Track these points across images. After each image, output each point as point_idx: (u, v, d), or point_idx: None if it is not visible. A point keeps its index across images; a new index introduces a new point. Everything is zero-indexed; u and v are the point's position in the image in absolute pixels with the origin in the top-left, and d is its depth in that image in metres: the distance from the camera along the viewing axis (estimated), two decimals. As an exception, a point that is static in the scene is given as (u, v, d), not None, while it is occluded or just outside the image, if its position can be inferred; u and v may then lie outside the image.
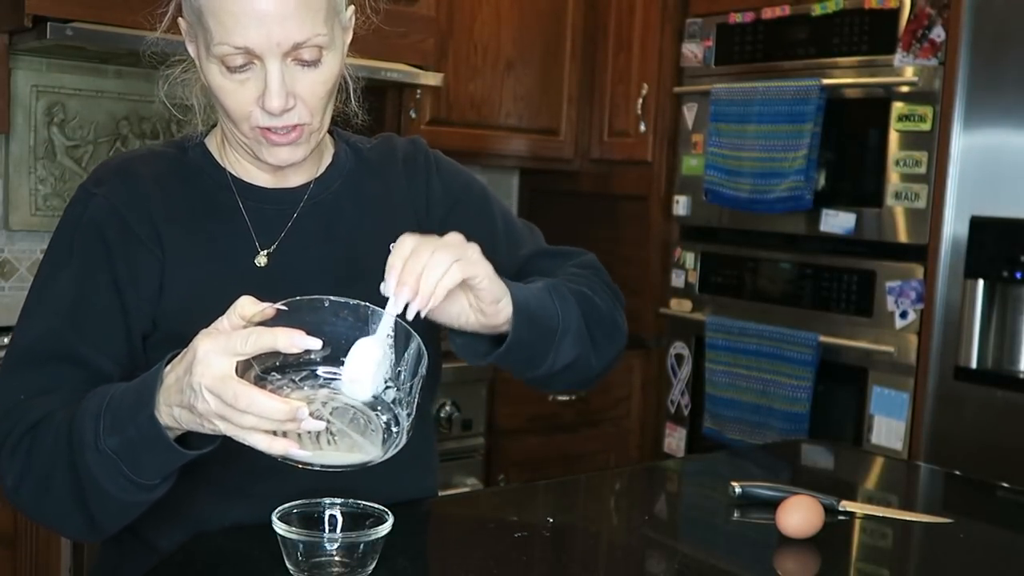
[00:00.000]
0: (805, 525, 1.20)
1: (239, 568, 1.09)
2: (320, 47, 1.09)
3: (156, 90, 1.23)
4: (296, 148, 1.14)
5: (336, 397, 0.92)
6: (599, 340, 1.22)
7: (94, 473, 0.99)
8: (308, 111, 1.11)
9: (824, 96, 2.56)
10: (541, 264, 1.31)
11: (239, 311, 0.92)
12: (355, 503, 1.05)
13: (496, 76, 3.06)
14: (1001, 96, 2.27)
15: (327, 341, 0.90)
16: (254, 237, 1.20)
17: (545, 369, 1.17)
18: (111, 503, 1.01)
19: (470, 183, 1.36)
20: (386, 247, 1.20)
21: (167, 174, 1.20)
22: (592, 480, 1.57)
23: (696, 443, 2.95)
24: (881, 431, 2.50)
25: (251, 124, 1.11)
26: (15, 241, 2.60)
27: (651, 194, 3.10)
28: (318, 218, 1.23)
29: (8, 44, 2.31)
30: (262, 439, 0.91)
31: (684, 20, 3.00)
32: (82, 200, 1.17)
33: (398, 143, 1.34)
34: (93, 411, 1.00)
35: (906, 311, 2.45)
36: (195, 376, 0.90)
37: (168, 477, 1.01)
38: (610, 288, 1.31)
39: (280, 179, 1.23)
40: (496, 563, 1.12)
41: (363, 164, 1.30)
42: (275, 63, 1.07)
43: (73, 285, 1.13)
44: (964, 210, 2.33)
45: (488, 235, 1.27)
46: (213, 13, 1.05)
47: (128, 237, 1.14)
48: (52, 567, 2.11)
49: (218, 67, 1.09)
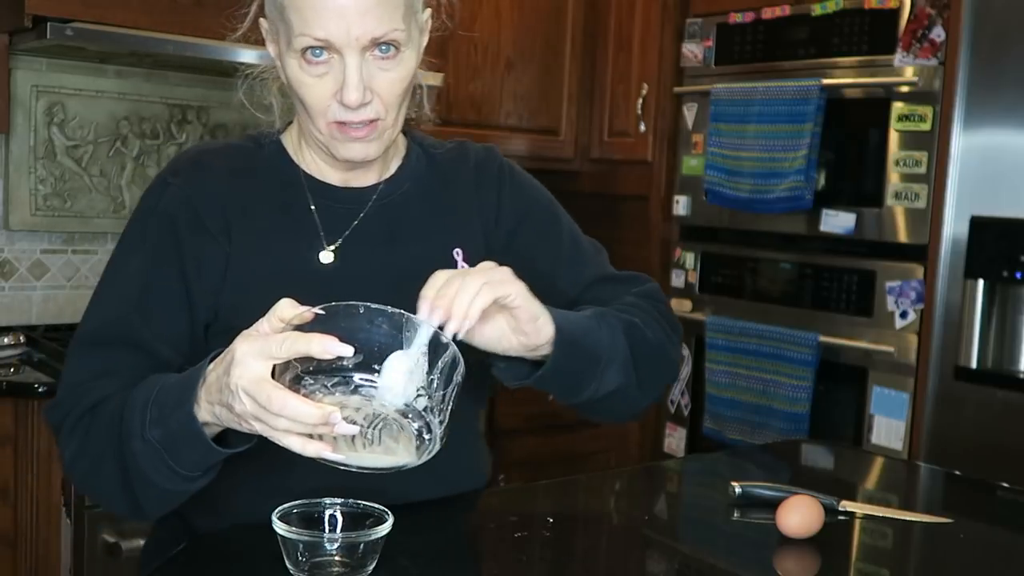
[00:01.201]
0: (805, 525, 1.20)
1: (239, 568, 1.09)
2: (398, 43, 1.11)
3: (235, 89, 1.27)
4: (369, 144, 1.16)
5: (368, 404, 0.93)
6: (645, 372, 1.21)
7: (139, 461, 1.03)
8: (384, 106, 1.14)
9: (824, 96, 2.56)
10: (601, 289, 1.31)
11: (278, 314, 0.94)
12: (355, 503, 1.05)
13: (496, 76, 3.06)
14: (1001, 96, 2.27)
15: (360, 348, 0.91)
16: (321, 234, 1.22)
17: (587, 396, 1.16)
18: (154, 490, 1.06)
19: (540, 198, 1.36)
20: (450, 252, 1.24)
21: (241, 168, 1.23)
22: (592, 480, 1.57)
23: (696, 443, 2.95)
24: (881, 431, 2.50)
25: (328, 119, 1.13)
26: (15, 241, 2.60)
27: (651, 194, 3.10)
28: (384, 218, 1.25)
29: (8, 44, 2.31)
30: (296, 441, 0.93)
31: (684, 20, 3.00)
32: (158, 189, 1.21)
33: (472, 150, 1.35)
34: (142, 401, 1.04)
35: (906, 311, 2.45)
36: (232, 377, 0.92)
37: (210, 469, 1.05)
38: (666, 319, 1.29)
39: (351, 178, 1.25)
40: (496, 563, 1.12)
41: (434, 168, 1.31)
42: (354, 57, 1.09)
43: (142, 273, 1.17)
44: (964, 210, 2.33)
45: (553, 253, 1.30)
46: (295, 7, 1.08)
47: (198, 228, 1.18)
48: (52, 567, 2.12)
49: (298, 61, 1.11)
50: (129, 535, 2.09)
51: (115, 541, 2.08)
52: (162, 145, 2.80)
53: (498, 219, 1.31)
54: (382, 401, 0.93)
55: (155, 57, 2.50)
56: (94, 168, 2.70)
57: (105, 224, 2.73)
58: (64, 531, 2.11)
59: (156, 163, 2.80)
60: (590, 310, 1.19)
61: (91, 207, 2.70)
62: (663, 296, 1.34)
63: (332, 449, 0.95)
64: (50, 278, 2.66)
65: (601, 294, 1.29)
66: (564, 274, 1.30)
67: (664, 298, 1.34)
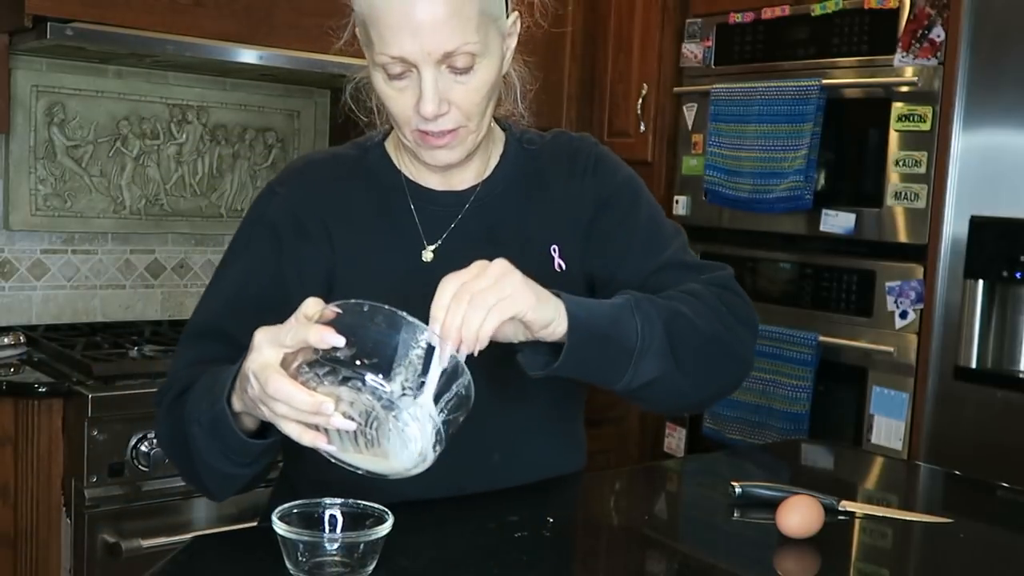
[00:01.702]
0: (805, 525, 1.20)
1: (239, 568, 1.09)
2: (472, 55, 1.13)
3: (342, 93, 1.32)
4: (452, 150, 1.20)
5: (358, 396, 0.95)
6: (690, 362, 1.17)
7: (198, 444, 1.11)
8: (463, 115, 1.17)
9: (824, 96, 2.56)
10: (669, 275, 1.29)
11: (303, 311, 0.99)
12: (355, 503, 1.05)
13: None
14: (1001, 96, 2.27)
15: (356, 341, 0.94)
16: (422, 235, 1.27)
17: (623, 386, 1.14)
18: (213, 472, 1.14)
19: (623, 185, 1.36)
20: (548, 249, 1.28)
21: (346, 176, 1.30)
22: (592, 480, 1.57)
23: (696, 443, 2.95)
24: (881, 431, 2.50)
25: (411, 128, 1.18)
26: (15, 241, 2.60)
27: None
28: (482, 219, 1.29)
29: (8, 44, 2.31)
30: (294, 428, 0.97)
31: (684, 20, 3.00)
32: (266, 197, 1.30)
33: (566, 140, 1.37)
34: (202, 389, 1.12)
35: (906, 311, 2.45)
36: (248, 362, 0.99)
37: (263, 454, 1.11)
38: (733, 310, 1.25)
39: (447, 180, 1.29)
40: (496, 563, 1.12)
41: (531, 163, 1.34)
42: (428, 71, 1.12)
43: (241, 275, 1.27)
44: (964, 210, 2.33)
45: (626, 239, 1.31)
46: (374, 25, 1.13)
47: (301, 235, 1.25)
48: (52, 567, 2.12)
49: (382, 75, 1.16)
50: (129, 535, 2.09)
51: (115, 541, 2.08)
52: (162, 145, 2.80)
53: (584, 207, 1.32)
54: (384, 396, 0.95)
55: (155, 57, 2.50)
56: (94, 168, 2.70)
57: (105, 224, 2.73)
58: (64, 531, 2.11)
59: (156, 163, 2.80)
60: (629, 296, 1.16)
61: (91, 207, 2.70)
62: (736, 286, 1.30)
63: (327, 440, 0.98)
64: (50, 278, 2.66)
65: (668, 279, 1.27)
66: (633, 260, 1.30)
67: (737, 287, 1.30)
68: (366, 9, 1.13)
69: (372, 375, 0.94)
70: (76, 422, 2.09)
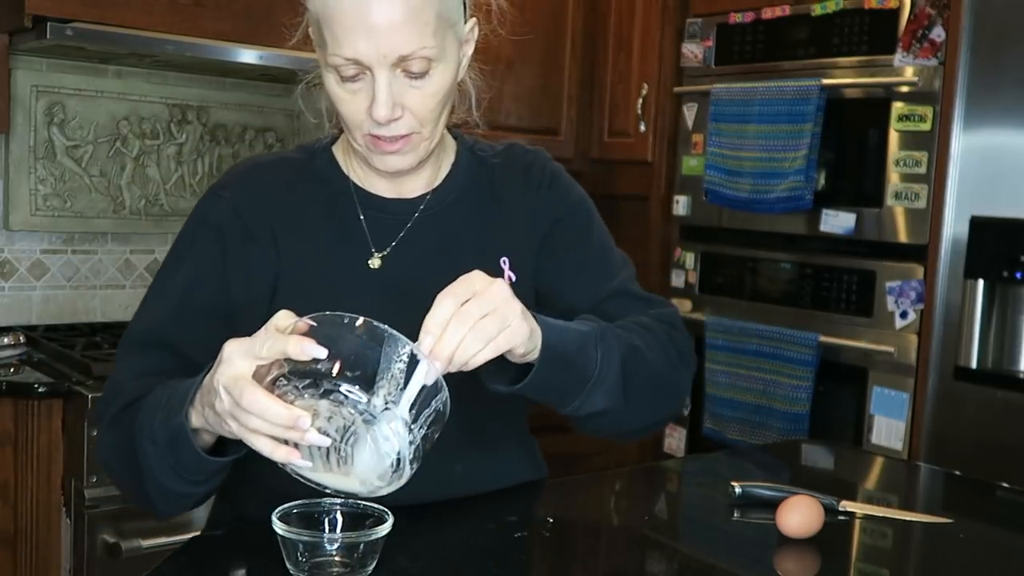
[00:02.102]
0: (805, 525, 1.20)
1: (239, 568, 1.09)
2: (428, 59, 1.12)
3: (295, 94, 1.29)
4: (404, 156, 1.18)
5: (338, 411, 0.92)
6: (638, 397, 1.18)
7: (149, 461, 1.06)
8: (417, 121, 1.15)
9: (824, 96, 2.56)
10: (619, 303, 1.30)
11: (274, 323, 0.95)
12: (355, 503, 1.05)
13: (496, 76, 3.05)
14: (1001, 96, 2.27)
15: (337, 354, 0.91)
16: (370, 243, 1.24)
17: (570, 411, 1.15)
18: (162, 490, 1.08)
19: (577, 204, 1.36)
20: (497, 261, 1.26)
21: (292, 180, 1.26)
22: (592, 480, 1.57)
23: (696, 443, 2.95)
24: (881, 431, 2.50)
25: (363, 132, 1.16)
26: (15, 241, 2.60)
27: (651, 194, 3.10)
28: (432, 228, 1.26)
29: (8, 44, 2.31)
30: (266, 443, 0.93)
31: (684, 20, 3.00)
32: (209, 201, 1.25)
33: (520, 152, 1.36)
34: (155, 403, 1.07)
35: (906, 311, 2.45)
36: (217, 374, 0.94)
37: (218, 473, 1.06)
38: (678, 348, 1.27)
39: (397, 187, 1.27)
40: (496, 563, 1.12)
41: (483, 173, 1.32)
42: (383, 74, 1.11)
43: (185, 280, 1.21)
44: (964, 210, 2.33)
45: (579, 260, 1.31)
46: (328, 26, 1.10)
47: (246, 239, 1.21)
48: (52, 567, 2.12)
49: (334, 77, 1.14)
50: (129, 535, 2.09)
51: (115, 541, 2.08)
52: (162, 145, 2.80)
53: (538, 221, 1.31)
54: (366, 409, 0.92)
55: (155, 57, 2.50)
56: (94, 168, 2.70)
57: (105, 224, 2.73)
58: (64, 531, 2.11)
59: (156, 163, 2.80)
60: (596, 324, 1.17)
61: (91, 207, 2.70)
62: (681, 324, 1.31)
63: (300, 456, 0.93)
64: (50, 278, 2.66)
65: (618, 308, 1.28)
66: (584, 283, 1.30)
67: (682, 326, 1.31)
68: (320, 8, 1.11)
69: (354, 388, 0.91)
70: (76, 422, 2.09)
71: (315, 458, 0.95)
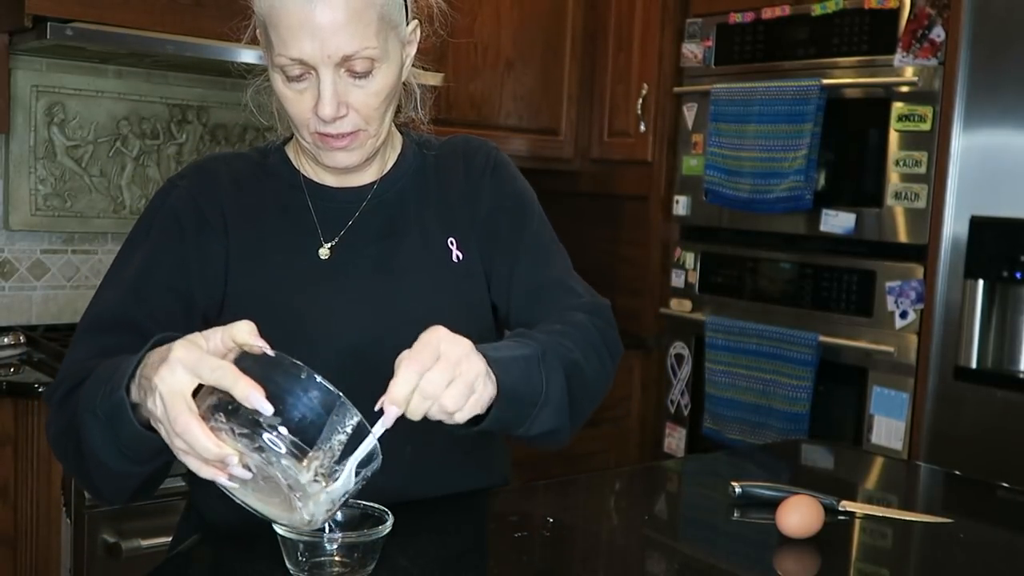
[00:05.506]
0: (805, 525, 1.20)
1: (239, 568, 1.09)
2: (371, 59, 1.15)
3: (243, 96, 1.33)
4: (352, 152, 1.21)
5: (266, 468, 0.89)
6: (578, 409, 1.20)
7: (90, 436, 1.01)
8: (362, 119, 1.18)
9: (824, 96, 2.56)
10: (556, 294, 1.31)
11: (232, 333, 0.92)
12: (355, 503, 1.05)
13: (496, 76, 3.06)
14: (1001, 96, 2.27)
15: (283, 410, 0.88)
16: (319, 232, 1.27)
17: (520, 433, 1.15)
18: (103, 469, 1.03)
19: (519, 193, 1.38)
20: (444, 243, 1.29)
21: (245, 174, 1.30)
22: (592, 480, 1.57)
23: (696, 443, 2.95)
24: (881, 431, 2.50)
25: (310, 130, 1.19)
26: (15, 241, 2.60)
27: (651, 194, 3.10)
28: (380, 215, 1.30)
29: (8, 44, 2.31)
30: (193, 461, 0.90)
31: (684, 20, 3.00)
32: (166, 189, 1.28)
33: (462, 140, 1.39)
34: (98, 376, 1.03)
35: (906, 311, 2.45)
36: (157, 377, 0.90)
37: (158, 454, 0.99)
38: (607, 345, 1.28)
39: (346, 179, 1.30)
40: (496, 563, 1.12)
41: (428, 163, 1.36)
42: (327, 73, 1.13)
43: (142, 262, 1.23)
44: (964, 210, 2.33)
45: (511, 248, 1.33)
46: (274, 27, 1.13)
47: (202, 225, 1.24)
48: (52, 567, 2.12)
49: (280, 76, 1.17)
50: (129, 535, 2.09)
51: (115, 541, 2.08)
52: (162, 145, 2.80)
53: (479, 204, 1.34)
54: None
55: (155, 57, 2.50)
56: (94, 168, 2.70)
57: (105, 224, 2.73)
58: (64, 531, 2.11)
59: (156, 163, 2.80)
60: (535, 343, 1.15)
61: (91, 207, 2.70)
62: (612, 318, 1.32)
63: (227, 478, 0.90)
64: (50, 278, 2.66)
65: (555, 298, 1.30)
66: (522, 268, 1.32)
67: (612, 320, 1.32)
68: (266, 10, 1.14)
69: (290, 458, 0.88)
70: (76, 422, 2.09)
71: (245, 484, 0.92)
